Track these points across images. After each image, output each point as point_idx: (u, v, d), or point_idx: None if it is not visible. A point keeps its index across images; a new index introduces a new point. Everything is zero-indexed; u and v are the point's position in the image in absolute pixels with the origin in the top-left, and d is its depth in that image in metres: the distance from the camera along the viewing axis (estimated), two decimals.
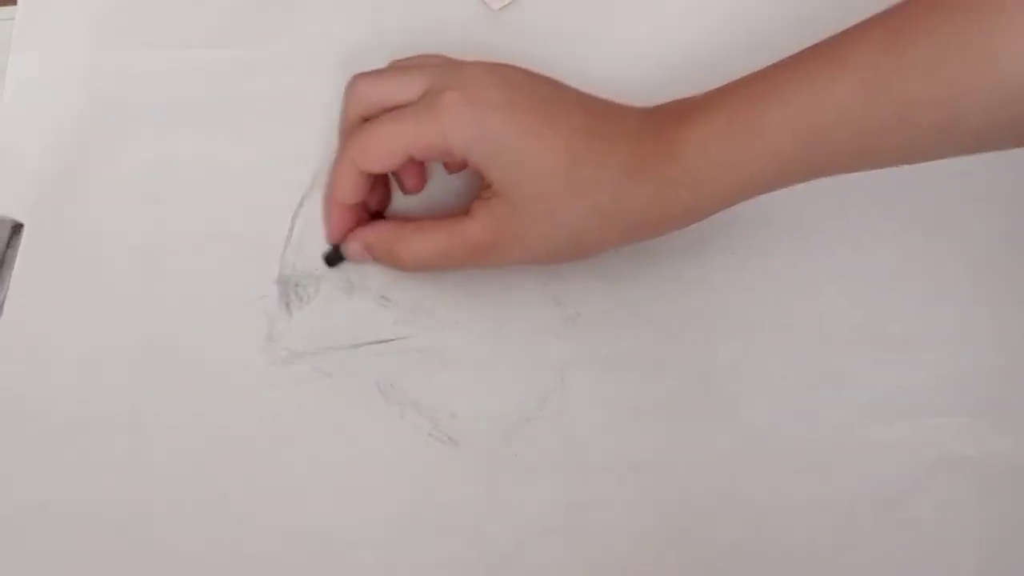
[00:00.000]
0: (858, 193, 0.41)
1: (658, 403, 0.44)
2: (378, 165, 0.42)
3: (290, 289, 0.45)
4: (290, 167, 0.47)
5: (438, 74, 0.42)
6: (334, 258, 0.45)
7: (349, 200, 0.44)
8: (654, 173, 0.40)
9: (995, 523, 0.42)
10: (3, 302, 0.45)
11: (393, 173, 0.45)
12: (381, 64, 0.46)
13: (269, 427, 0.43)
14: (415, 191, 0.46)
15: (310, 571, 0.42)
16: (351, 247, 0.45)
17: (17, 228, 0.46)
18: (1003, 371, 0.45)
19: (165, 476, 0.43)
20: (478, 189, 0.42)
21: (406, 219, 0.45)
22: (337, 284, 0.45)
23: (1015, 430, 0.44)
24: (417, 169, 0.45)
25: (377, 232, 0.44)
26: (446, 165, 0.46)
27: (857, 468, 0.43)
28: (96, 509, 0.42)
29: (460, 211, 0.42)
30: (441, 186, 0.47)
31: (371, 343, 0.45)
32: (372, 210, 0.46)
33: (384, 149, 0.42)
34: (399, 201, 0.47)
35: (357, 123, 0.44)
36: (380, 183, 0.45)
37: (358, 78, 0.44)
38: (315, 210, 0.46)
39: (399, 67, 0.45)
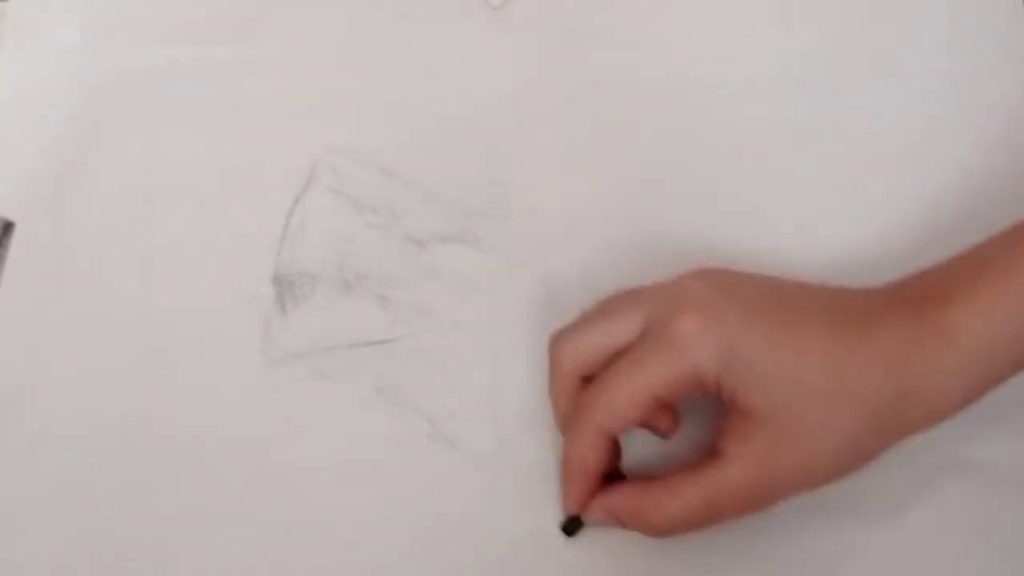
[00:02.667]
0: (860, 193, 0.41)
1: None
2: (627, 423, 0.38)
3: (286, 289, 0.45)
4: (286, 165, 0.46)
5: (652, 302, 0.38)
6: (574, 528, 0.41)
7: (596, 471, 0.39)
8: (926, 364, 0.37)
9: (997, 526, 0.42)
10: None
11: (645, 424, 0.40)
12: (380, 63, 0.45)
13: (266, 428, 0.43)
14: (672, 433, 0.41)
15: (309, 573, 0.42)
16: (594, 516, 0.40)
17: (8, 227, 0.45)
18: None
19: (161, 477, 0.42)
20: (712, 427, 0.39)
21: (651, 479, 0.39)
22: (334, 284, 0.45)
23: (1017, 432, 0.44)
24: (668, 410, 0.40)
25: (622, 499, 0.39)
26: (658, 426, 0.40)
27: (858, 470, 0.43)
28: (92, 510, 0.42)
29: (705, 455, 0.38)
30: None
31: (369, 343, 0.44)
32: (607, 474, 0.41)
33: (632, 403, 0.37)
34: None
35: (573, 382, 0.39)
36: (615, 444, 0.40)
37: (561, 335, 0.40)
38: (311, 209, 0.46)
39: (599, 311, 0.40)
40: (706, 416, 0.41)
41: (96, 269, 0.45)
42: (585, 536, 0.42)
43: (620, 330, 0.38)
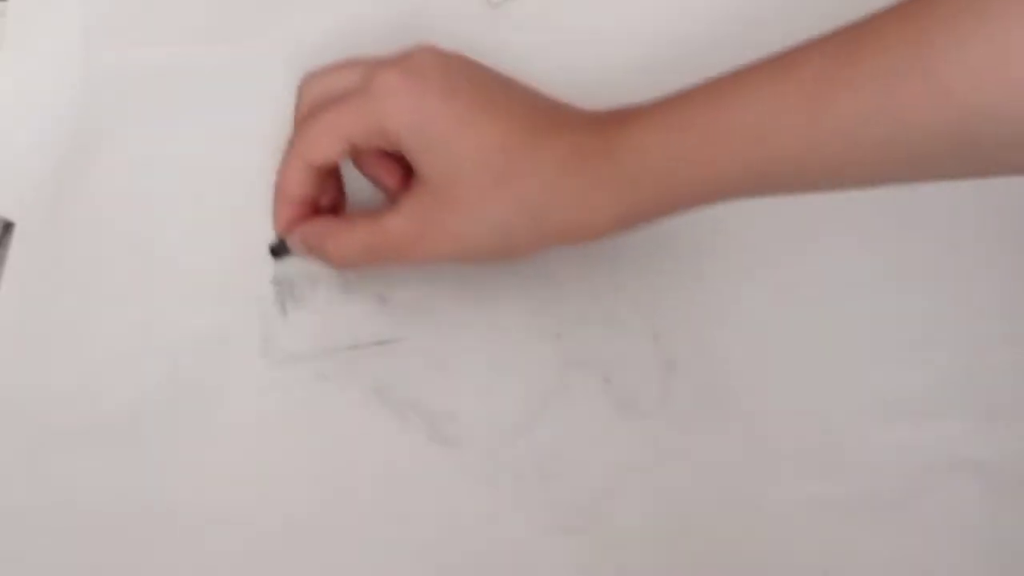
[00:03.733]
0: (862, 192, 0.41)
1: (658, 404, 0.44)
2: (321, 156, 0.41)
3: (286, 290, 0.45)
4: None
5: (381, 61, 0.41)
6: (279, 250, 0.44)
7: (294, 193, 0.42)
8: (589, 172, 0.39)
9: (998, 526, 0.42)
10: None
11: (369, 174, 0.44)
12: None
13: (266, 430, 0.43)
14: (396, 189, 0.43)
15: (309, 573, 0.42)
16: (292, 240, 0.44)
17: (8, 227, 0.45)
18: (1007, 373, 0.45)
19: (161, 478, 0.42)
20: None
21: (348, 215, 0.44)
22: (334, 284, 0.45)
23: (1019, 432, 0.44)
24: (390, 165, 0.43)
25: (312, 227, 0.43)
26: (360, 162, 0.44)
27: (860, 470, 0.43)
28: (91, 510, 0.42)
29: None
30: None
31: (369, 344, 0.44)
32: (324, 209, 0.44)
33: (325, 139, 0.40)
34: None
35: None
36: (332, 184, 0.44)
37: (305, 76, 0.43)
38: None
39: (343, 61, 0.43)
40: None
41: (96, 269, 0.45)
42: (585, 537, 0.42)
43: (346, 77, 0.41)
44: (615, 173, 0.38)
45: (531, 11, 0.50)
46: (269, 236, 0.45)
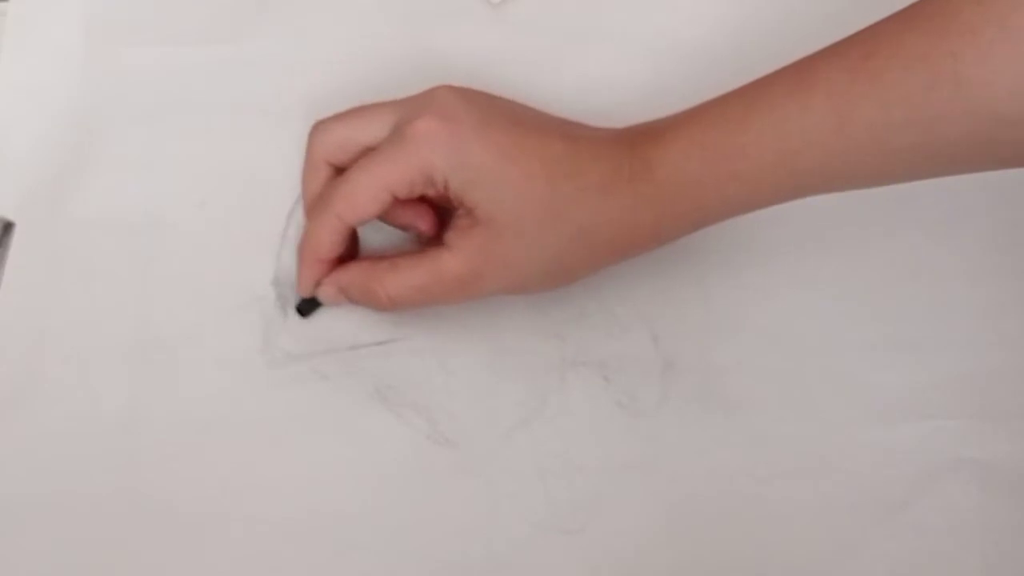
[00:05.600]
0: (860, 193, 0.41)
1: (658, 404, 0.44)
2: (365, 215, 0.41)
3: (286, 290, 0.45)
4: (286, 165, 0.46)
5: (403, 105, 0.41)
6: (308, 308, 0.44)
7: (329, 255, 0.42)
8: (626, 192, 0.40)
9: (999, 526, 0.42)
10: None
11: (401, 223, 0.44)
12: (379, 62, 0.45)
13: (266, 430, 0.43)
14: (431, 233, 0.43)
15: (308, 573, 0.42)
16: (326, 291, 0.43)
17: (8, 227, 0.45)
18: (1007, 373, 0.45)
19: (161, 478, 0.42)
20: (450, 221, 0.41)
21: (381, 257, 0.43)
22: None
23: (1019, 432, 0.44)
24: (422, 210, 0.43)
25: (351, 274, 0.42)
26: (388, 212, 0.42)
27: (860, 470, 0.43)
28: (92, 510, 0.42)
29: (435, 244, 0.41)
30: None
31: (369, 345, 0.44)
32: (343, 257, 0.44)
33: (368, 195, 0.40)
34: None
35: (323, 169, 0.42)
36: (352, 236, 0.44)
37: (319, 124, 0.43)
38: None
39: (356, 109, 0.43)
40: None
41: (96, 269, 0.45)
42: (585, 537, 0.42)
43: (370, 127, 0.41)
44: (654, 191, 0.40)
45: (531, 11, 0.50)
46: (269, 236, 0.45)
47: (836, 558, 0.42)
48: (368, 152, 0.41)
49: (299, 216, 0.46)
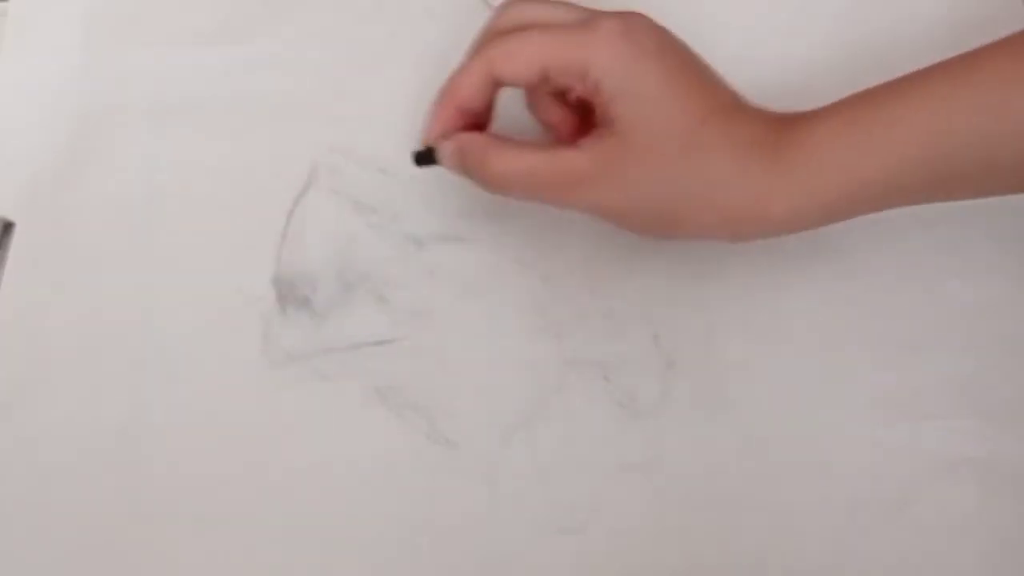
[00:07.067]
0: None
1: (658, 403, 0.44)
2: (513, 73, 0.40)
3: (286, 290, 0.45)
4: (286, 165, 0.46)
5: (598, 12, 0.40)
6: (425, 159, 0.43)
7: (468, 104, 0.41)
8: (769, 161, 0.39)
9: (998, 525, 0.42)
10: None
11: (543, 118, 0.43)
12: (378, 62, 0.45)
13: (266, 429, 0.43)
14: (569, 137, 0.42)
15: (308, 573, 0.42)
16: (446, 148, 0.42)
17: (8, 227, 0.45)
18: (1006, 372, 0.45)
19: (161, 478, 0.42)
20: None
21: (507, 136, 0.42)
22: (334, 284, 0.45)
23: (1018, 432, 0.44)
24: (566, 113, 0.43)
25: (475, 139, 0.41)
26: (538, 100, 0.43)
27: (859, 470, 0.43)
28: (92, 510, 0.42)
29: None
30: None
31: (368, 344, 0.44)
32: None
33: (525, 57, 0.39)
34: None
35: (498, 35, 0.42)
36: (489, 111, 0.43)
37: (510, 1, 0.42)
38: (311, 209, 0.46)
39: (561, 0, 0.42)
40: None
41: (96, 269, 0.45)
42: (585, 537, 0.42)
43: (563, 12, 0.41)
44: (801, 162, 0.39)
45: None
46: (269, 236, 0.45)
47: (835, 558, 0.42)
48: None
49: (299, 215, 0.46)
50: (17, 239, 0.45)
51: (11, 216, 0.45)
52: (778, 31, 0.50)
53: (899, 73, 0.40)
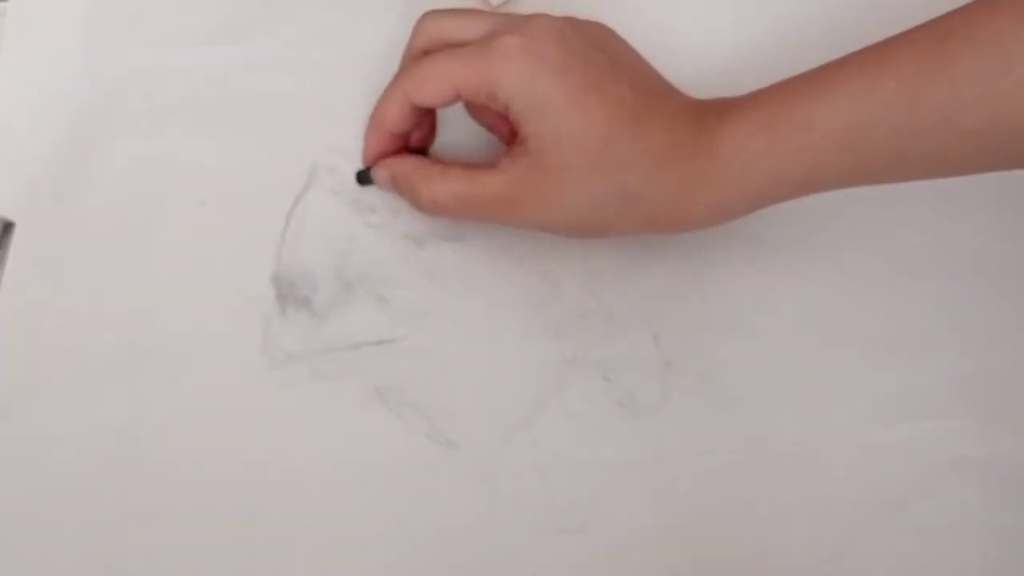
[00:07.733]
0: (859, 192, 0.41)
1: (658, 403, 0.44)
2: (426, 99, 0.41)
3: (286, 290, 0.45)
4: (286, 165, 0.46)
5: (504, 20, 0.42)
6: (364, 178, 0.46)
7: (391, 128, 0.43)
8: (686, 165, 0.40)
9: (999, 525, 0.42)
10: None
11: (484, 122, 0.44)
12: (378, 64, 0.45)
13: (266, 429, 0.43)
14: (507, 141, 0.44)
15: (308, 573, 0.42)
16: (379, 173, 0.45)
17: (8, 227, 0.45)
18: (1007, 372, 0.45)
19: (161, 478, 0.42)
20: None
21: (438, 160, 0.44)
22: (334, 284, 0.45)
23: (1019, 431, 0.44)
24: (502, 118, 0.43)
25: (405, 165, 0.44)
26: (473, 108, 0.45)
27: (859, 470, 0.43)
28: (92, 511, 0.42)
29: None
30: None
31: (368, 344, 0.44)
32: (413, 147, 0.45)
33: (435, 84, 0.41)
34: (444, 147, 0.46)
35: (418, 56, 0.43)
36: (427, 121, 0.45)
37: (426, 14, 0.44)
38: (311, 209, 0.46)
39: (469, 9, 0.44)
40: None
41: (96, 269, 0.45)
42: (585, 537, 0.42)
43: (469, 28, 0.42)
44: (713, 168, 0.40)
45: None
46: (269, 236, 0.45)
47: (836, 558, 0.42)
48: (455, 47, 0.42)
49: (299, 215, 0.46)
50: (17, 239, 0.45)
51: (11, 216, 0.45)
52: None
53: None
